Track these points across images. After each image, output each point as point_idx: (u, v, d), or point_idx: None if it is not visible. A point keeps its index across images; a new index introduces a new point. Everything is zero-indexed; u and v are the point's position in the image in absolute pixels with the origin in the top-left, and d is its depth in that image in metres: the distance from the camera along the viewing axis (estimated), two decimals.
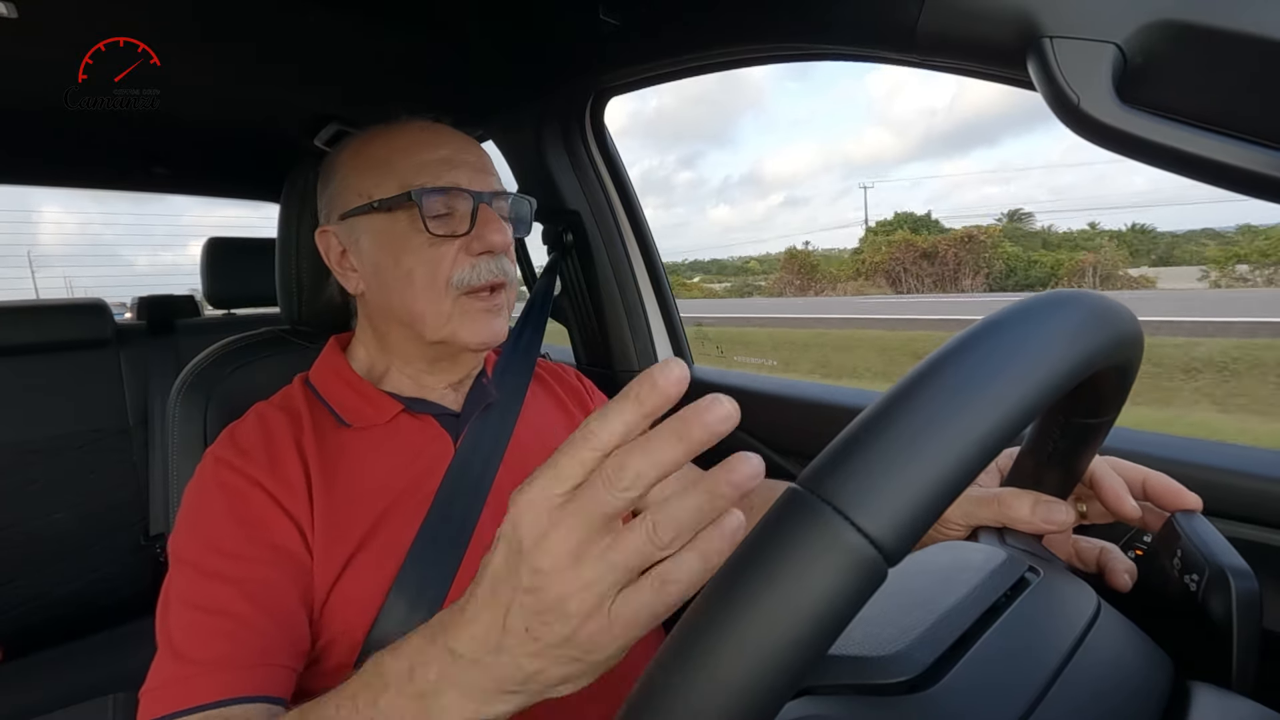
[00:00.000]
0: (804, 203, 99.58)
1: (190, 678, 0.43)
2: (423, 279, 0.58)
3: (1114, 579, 0.40)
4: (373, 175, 0.59)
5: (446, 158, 0.59)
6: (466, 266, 0.58)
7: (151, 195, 1.79)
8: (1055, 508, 0.40)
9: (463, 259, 0.58)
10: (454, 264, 0.58)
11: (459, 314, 0.59)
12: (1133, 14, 0.36)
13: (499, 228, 0.59)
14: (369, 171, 0.59)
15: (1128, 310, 0.27)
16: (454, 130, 0.64)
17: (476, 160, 0.62)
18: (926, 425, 0.20)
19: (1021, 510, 0.40)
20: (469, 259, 0.58)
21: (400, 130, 0.62)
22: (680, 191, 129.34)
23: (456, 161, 0.60)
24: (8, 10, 0.67)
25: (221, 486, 0.52)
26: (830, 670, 0.27)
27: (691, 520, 0.24)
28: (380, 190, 0.58)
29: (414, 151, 0.59)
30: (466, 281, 0.58)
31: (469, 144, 0.63)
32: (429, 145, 0.60)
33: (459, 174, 0.59)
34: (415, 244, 0.58)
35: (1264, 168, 0.35)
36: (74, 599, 1.35)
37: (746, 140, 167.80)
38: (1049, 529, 0.40)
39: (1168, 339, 5.96)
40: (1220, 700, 0.28)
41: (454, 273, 0.58)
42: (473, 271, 0.58)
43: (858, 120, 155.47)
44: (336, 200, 0.62)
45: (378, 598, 0.52)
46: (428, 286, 0.58)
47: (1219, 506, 0.51)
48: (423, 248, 0.58)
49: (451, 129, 0.64)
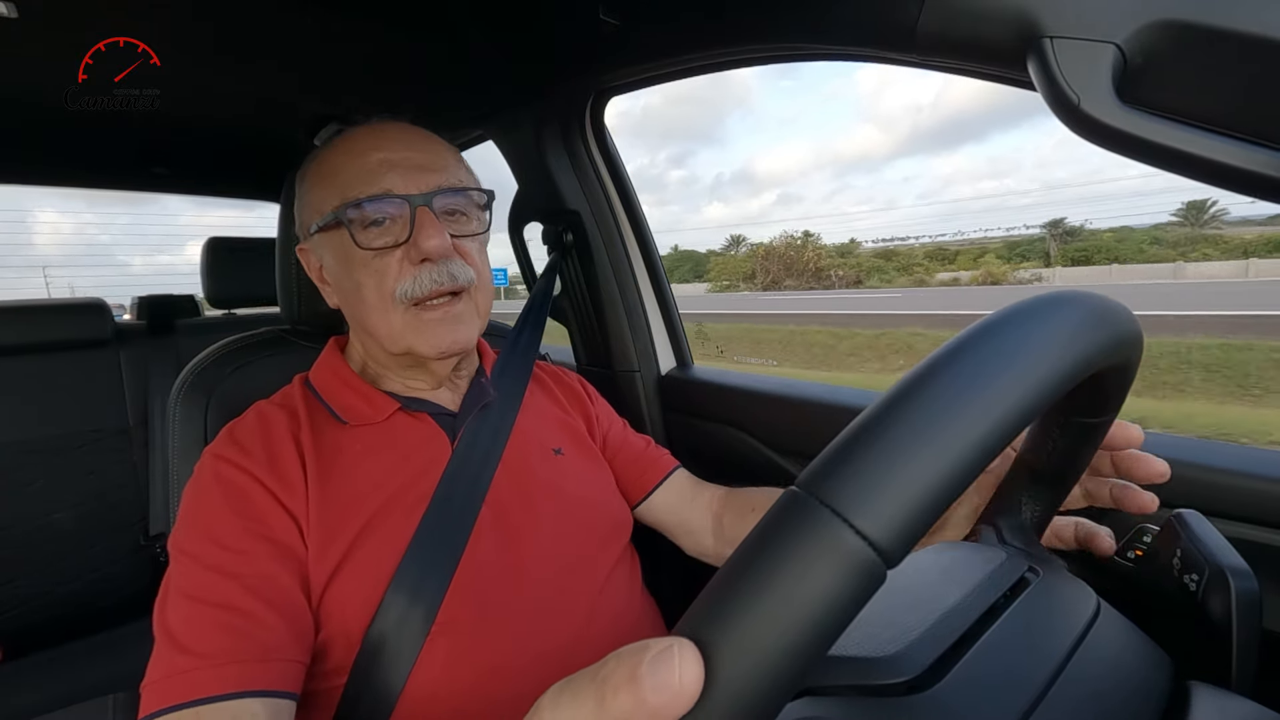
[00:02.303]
0: (797, 200, 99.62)
1: (193, 670, 0.43)
2: (371, 294, 0.56)
3: (1098, 545, 0.41)
4: (323, 189, 0.58)
5: (383, 160, 0.56)
6: (409, 278, 0.56)
7: (147, 197, 1.79)
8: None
9: (406, 269, 0.56)
10: (398, 275, 0.56)
11: (411, 327, 0.57)
12: (1133, 14, 0.36)
13: (434, 232, 0.55)
14: (320, 185, 0.59)
15: (1127, 310, 0.27)
16: (404, 126, 0.61)
17: (417, 158, 0.58)
18: (925, 427, 0.20)
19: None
20: (412, 268, 0.56)
21: (350, 135, 0.59)
22: (673, 189, 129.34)
23: (393, 162, 0.56)
24: (8, 10, 0.67)
25: (221, 482, 0.52)
26: (830, 671, 0.27)
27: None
28: (327, 206, 0.57)
29: (354, 156, 0.57)
30: (410, 293, 0.56)
31: (414, 140, 0.59)
32: (368, 148, 0.57)
33: (393, 178, 0.56)
34: (361, 257, 0.56)
35: (1264, 168, 0.35)
36: (74, 599, 1.35)
37: (736, 139, 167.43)
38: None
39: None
40: (1220, 700, 0.28)
41: (398, 285, 0.56)
42: (414, 283, 0.56)
43: (847, 118, 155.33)
44: (302, 216, 0.62)
45: (375, 595, 0.52)
46: (376, 302, 0.56)
47: (1219, 506, 0.51)
48: (368, 260, 0.56)
49: (403, 125, 0.61)
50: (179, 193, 1.82)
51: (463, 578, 0.54)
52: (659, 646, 0.18)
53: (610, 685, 0.18)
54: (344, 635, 0.51)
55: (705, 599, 0.20)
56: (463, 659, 0.52)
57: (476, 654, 0.53)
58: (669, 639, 0.18)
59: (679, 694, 0.17)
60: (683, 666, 0.18)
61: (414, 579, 0.52)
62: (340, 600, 0.51)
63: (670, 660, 0.18)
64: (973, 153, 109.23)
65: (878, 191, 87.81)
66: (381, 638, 0.51)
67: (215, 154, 1.45)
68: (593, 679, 0.19)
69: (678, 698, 0.17)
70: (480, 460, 0.61)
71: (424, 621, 0.52)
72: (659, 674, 0.17)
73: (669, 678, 0.17)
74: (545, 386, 0.77)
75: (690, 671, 0.18)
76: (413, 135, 0.60)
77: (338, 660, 0.51)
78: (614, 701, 0.18)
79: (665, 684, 0.17)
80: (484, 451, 0.62)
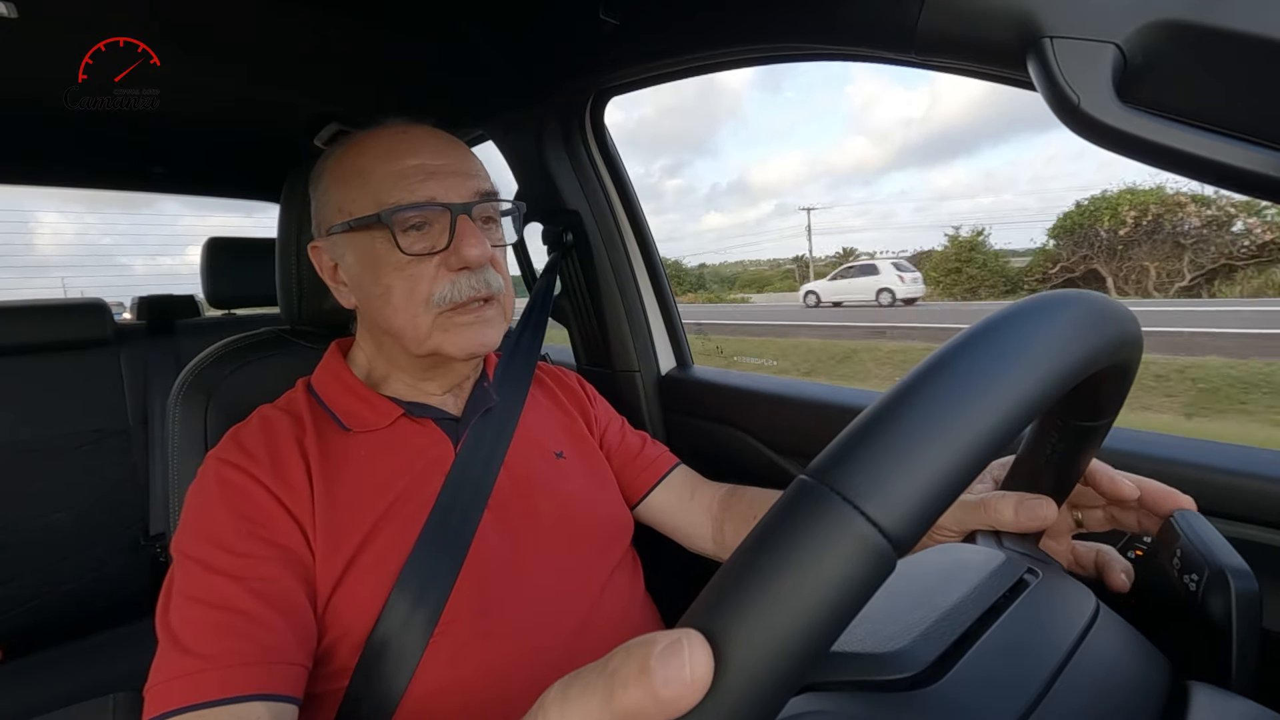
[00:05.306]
0: (794, 211, 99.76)
1: (197, 673, 0.43)
2: (400, 297, 0.56)
3: (1112, 579, 0.40)
4: (350, 189, 0.58)
5: (421, 166, 0.57)
6: (447, 283, 0.56)
7: (147, 201, 1.80)
8: (1038, 505, 0.40)
9: (443, 275, 0.56)
10: (434, 281, 0.56)
11: (440, 329, 0.57)
12: (1133, 14, 0.36)
13: (476, 241, 0.56)
14: (346, 185, 0.58)
15: (1128, 311, 0.27)
16: (432, 131, 0.61)
17: (454, 165, 0.59)
18: (935, 417, 0.20)
19: (1006, 513, 0.40)
20: (449, 275, 0.57)
21: (376, 137, 0.59)
22: (670, 198, 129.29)
23: (431, 169, 0.57)
24: (8, 10, 0.67)
25: (224, 485, 0.52)
26: (833, 666, 0.27)
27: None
28: (357, 207, 0.57)
29: (388, 160, 0.57)
30: (448, 298, 0.56)
31: (446, 147, 0.60)
32: (403, 153, 0.57)
33: (433, 185, 0.56)
34: (393, 262, 0.56)
35: (1264, 168, 0.35)
36: (74, 599, 1.35)
37: (730, 150, 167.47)
38: (1035, 526, 0.40)
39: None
40: (1220, 700, 0.28)
41: (434, 290, 0.56)
42: (453, 288, 0.56)
43: (840, 131, 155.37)
44: (321, 215, 0.62)
45: (380, 599, 0.52)
46: (405, 305, 0.56)
47: (1219, 506, 0.51)
48: (401, 265, 0.56)
49: (431, 130, 0.61)
50: (178, 193, 1.82)
51: (466, 581, 0.54)
52: (668, 639, 0.18)
53: (619, 679, 0.18)
54: (348, 638, 0.51)
55: (714, 588, 0.19)
56: (465, 660, 0.52)
57: (479, 656, 0.53)
58: (678, 631, 0.18)
59: (690, 685, 0.17)
60: (693, 658, 0.17)
61: (418, 583, 0.52)
62: (345, 604, 0.51)
63: (680, 652, 0.18)
64: (967, 166, 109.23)
65: (874, 204, 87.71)
66: (385, 640, 0.51)
67: (215, 154, 1.45)
68: (601, 672, 0.19)
69: (689, 689, 0.17)
70: (483, 464, 0.61)
71: (427, 624, 0.52)
72: (669, 666, 0.17)
73: (679, 670, 0.17)
74: (546, 388, 0.77)
75: (700, 663, 0.18)
76: (442, 141, 0.61)
77: (341, 663, 0.51)
78: (624, 695, 0.18)
79: (676, 676, 0.17)
80: (486, 456, 0.62)
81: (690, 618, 0.19)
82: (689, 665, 0.17)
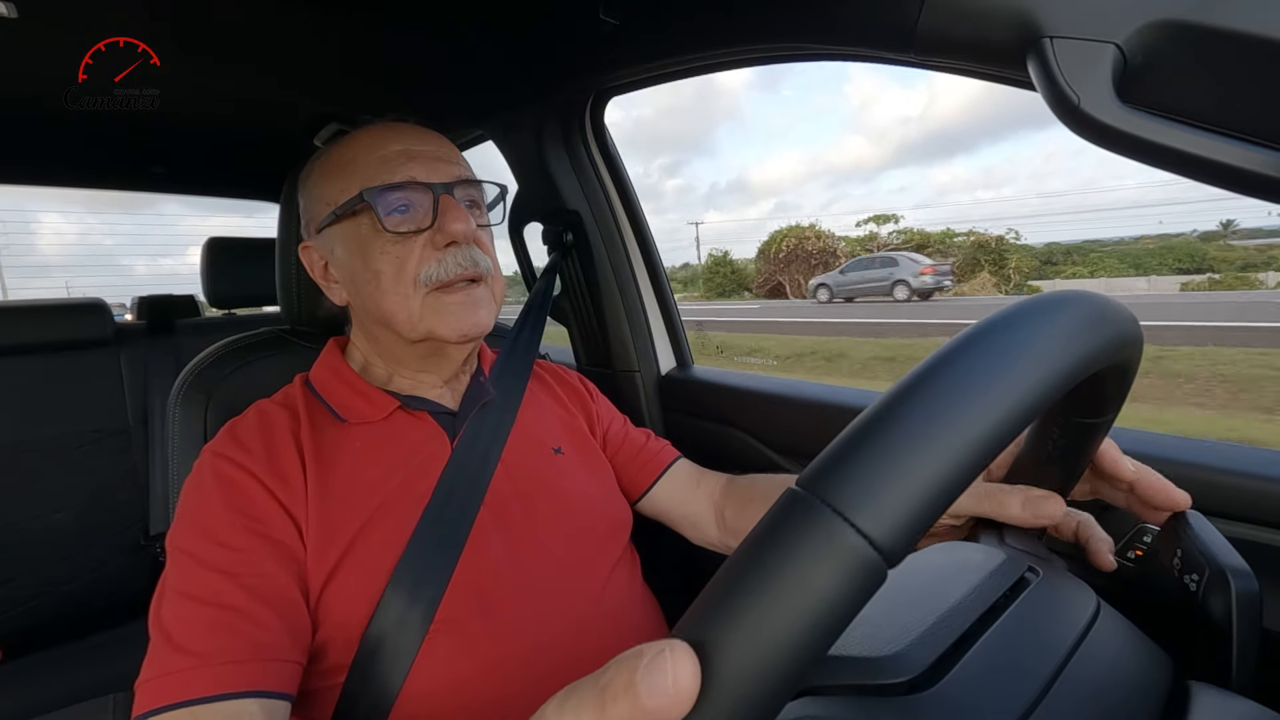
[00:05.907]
0: (795, 208, 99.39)
1: (188, 670, 0.43)
2: (389, 278, 0.57)
3: (1097, 557, 0.40)
4: (336, 182, 0.59)
5: (404, 150, 0.58)
6: (434, 261, 0.57)
7: (148, 202, 1.79)
8: (1046, 502, 0.39)
9: (429, 254, 0.57)
10: (420, 260, 0.57)
11: (431, 309, 0.58)
12: (1133, 14, 0.36)
13: (460, 215, 0.57)
14: (332, 179, 0.59)
15: (1128, 310, 0.27)
16: (415, 125, 0.63)
17: (435, 150, 0.60)
18: (925, 426, 0.20)
19: (1013, 506, 0.40)
20: (436, 253, 0.57)
21: (359, 134, 0.61)
22: (670, 198, 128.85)
23: (413, 153, 0.58)
24: (8, 10, 0.67)
25: (220, 479, 0.52)
26: (830, 670, 0.27)
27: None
28: (343, 196, 0.58)
29: (372, 148, 0.59)
30: (435, 277, 0.57)
31: (428, 135, 0.62)
32: (387, 140, 0.59)
33: (415, 167, 0.58)
34: (380, 244, 0.57)
35: (1264, 168, 0.35)
36: (74, 599, 1.35)
37: (728, 150, 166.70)
38: (1041, 523, 0.40)
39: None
40: (1220, 700, 0.28)
41: (421, 268, 0.57)
42: (440, 266, 0.57)
43: (838, 130, 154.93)
44: (310, 213, 0.62)
45: (374, 594, 0.52)
46: (394, 286, 0.57)
47: (1219, 506, 0.51)
48: (388, 246, 0.57)
49: (413, 125, 0.63)
50: (179, 193, 1.82)
51: (462, 576, 0.54)
52: (653, 651, 0.18)
53: (610, 693, 0.18)
54: (342, 634, 0.51)
55: (705, 599, 0.20)
56: (462, 657, 0.52)
57: (476, 652, 0.53)
58: (663, 642, 0.19)
59: (675, 697, 0.18)
60: (676, 670, 0.18)
61: (413, 578, 0.52)
62: (338, 599, 0.51)
63: (663, 664, 0.18)
64: (966, 163, 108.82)
65: (875, 201, 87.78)
66: (380, 636, 0.51)
67: (215, 154, 1.45)
68: (594, 685, 0.19)
69: (674, 700, 0.18)
70: (480, 459, 0.61)
71: (423, 620, 0.52)
72: (653, 678, 0.18)
73: (663, 682, 0.18)
74: (546, 385, 0.77)
75: (685, 674, 0.18)
76: (425, 130, 0.63)
77: (336, 659, 0.51)
78: (614, 708, 0.18)
79: (660, 688, 0.17)
80: (484, 450, 0.62)
81: (681, 629, 0.19)
82: (672, 676, 0.18)
